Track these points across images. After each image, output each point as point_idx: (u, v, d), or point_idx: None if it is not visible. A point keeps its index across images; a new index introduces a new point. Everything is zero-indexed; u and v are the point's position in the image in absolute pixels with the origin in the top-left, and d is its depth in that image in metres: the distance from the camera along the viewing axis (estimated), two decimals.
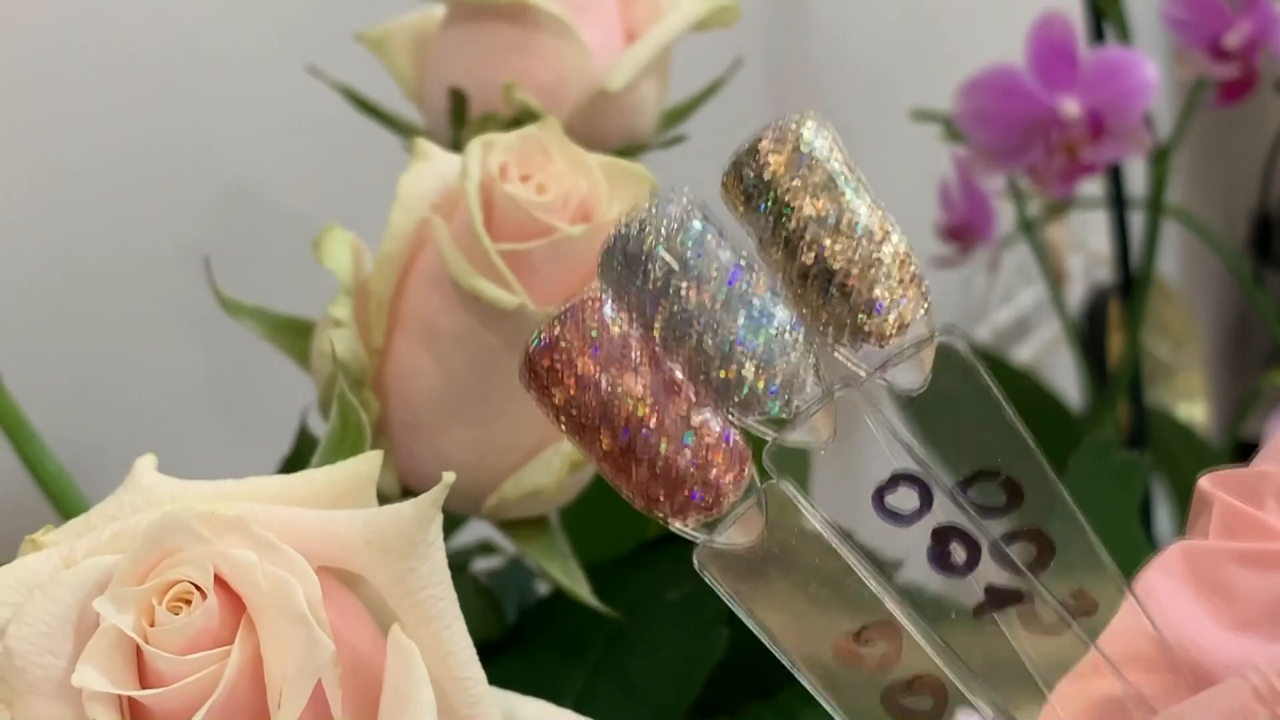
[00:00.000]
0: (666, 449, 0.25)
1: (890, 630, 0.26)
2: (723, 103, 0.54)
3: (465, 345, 0.40)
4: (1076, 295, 1.17)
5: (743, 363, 0.25)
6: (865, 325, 0.26)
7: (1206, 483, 0.30)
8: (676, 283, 0.25)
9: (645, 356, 0.25)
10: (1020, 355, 1.11)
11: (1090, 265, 1.18)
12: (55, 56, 0.53)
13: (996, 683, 0.26)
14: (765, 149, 0.26)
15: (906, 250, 0.26)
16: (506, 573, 0.55)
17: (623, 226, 0.26)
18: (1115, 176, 0.82)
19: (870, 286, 0.26)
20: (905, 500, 0.27)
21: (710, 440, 0.25)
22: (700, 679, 0.46)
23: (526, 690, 0.32)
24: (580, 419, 0.25)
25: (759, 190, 0.26)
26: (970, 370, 0.27)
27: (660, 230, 0.25)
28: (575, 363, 0.25)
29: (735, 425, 0.26)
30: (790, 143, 0.26)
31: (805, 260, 0.26)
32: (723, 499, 0.26)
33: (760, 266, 0.26)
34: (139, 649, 0.27)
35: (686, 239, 0.26)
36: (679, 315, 0.25)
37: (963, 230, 0.83)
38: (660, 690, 0.46)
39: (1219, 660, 0.26)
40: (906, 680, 0.26)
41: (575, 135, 0.42)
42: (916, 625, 0.26)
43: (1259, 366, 1.43)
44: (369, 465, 0.30)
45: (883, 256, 0.26)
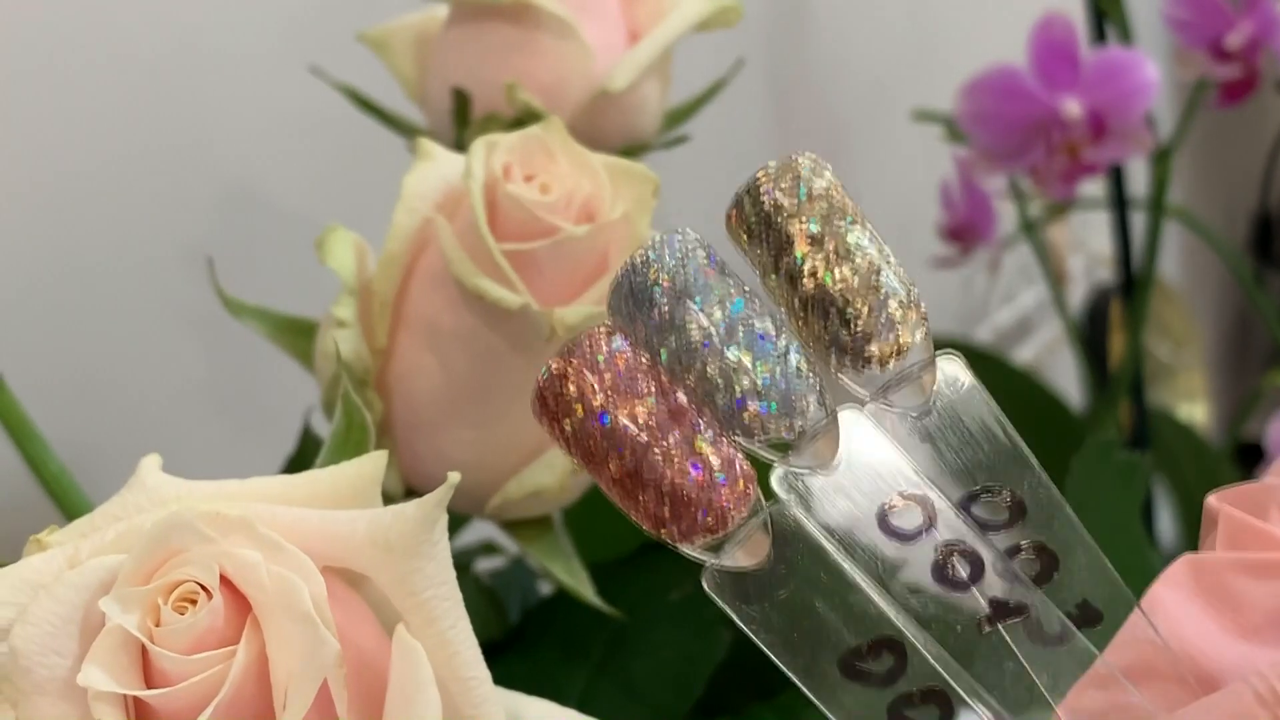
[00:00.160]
0: (673, 474, 0.26)
1: (896, 645, 0.27)
2: (724, 103, 0.54)
3: (469, 345, 0.40)
4: (1078, 296, 1.17)
5: (747, 389, 0.26)
6: (867, 350, 0.27)
7: (1213, 499, 0.30)
8: (681, 315, 0.26)
9: (652, 385, 0.26)
10: (1021, 356, 1.11)
11: (1091, 266, 1.18)
12: (56, 56, 0.53)
13: (1002, 695, 0.27)
14: (766, 184, 0.27)
15: (905, 277, 0.27)
16: (509, 573, 0.55)
17: (629, 263, 0.27)
18: (1116, 177, 0.82)
19: (871, 312, 0.27)
20: (909, 518, 0.27)
21: (716, 464, 0.26)
22: (702, 679, 0.46)
23: (529, 690, 0.32)
24: (589, 447, 0.26)
25: (761, 224, 0.27)
26: (973, 391, 0.28)
27: (665, 265, 0.27)
28: (584, 394, 0.26)
29: (740, 449, 0.27)
30: (790, 177, 0.27)
31: (807, 289, 0.27)
32: (729, 521, 0.26)
33: (763, 297, 0.27)
34: (144, 649, 0.27)
35: (690, 273, 0.27)
36: (684, 345, 0.26)
37: (964, 231, 0.83)
38: (662, 690, 0.46)
39: (1226, 669, 0.27)
40: (912, 694, 0.27)
41: (577, 135, 0.42)
42: (922, 639, 0.27)
43: (1260, 367, 1.43)
44: (374, 465, 0.30)
45: (882, 283, 0.27)
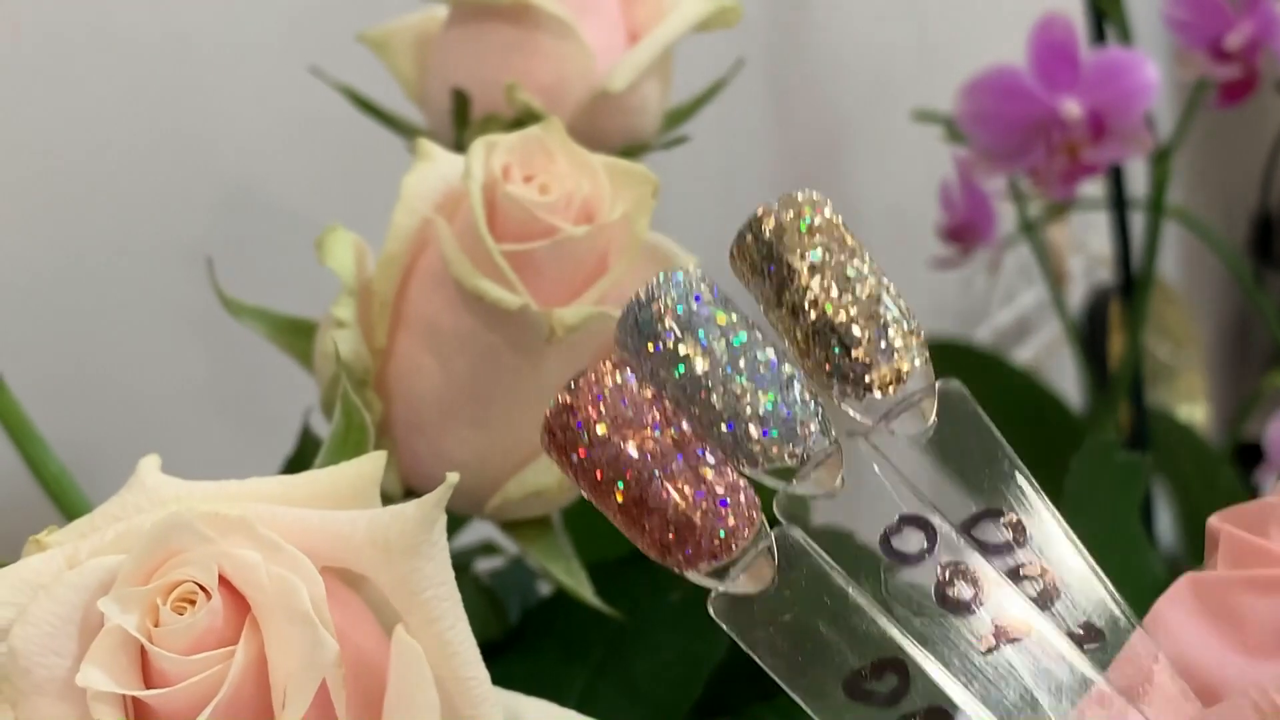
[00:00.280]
0: (678, 501, 0.26)
1: (899, 665, 0.27)
2: (724, 103, 0.54)
3: (468, 346, 0.40)
4: (1077, 296, 1.17)
5: (750, 417, 0.27)
6: (868, 378, 0.28)
7: (1215, 519, 0.30)
8: (685, 348, 0.27)
9: (658, 416, 0.27)
10: (1021, 356, 1.11)
11: (1091, 266, 1.18)
12: (57, 56, 0.53)
13: (1005, 714, 0.27)
14: (767, 220, 0.28)
15: (904, 305, 0.28)
16: (509, 573, 0.55)
17: (635, 298, 0.28)
18: (1116, 177, 0.82)
19: (871, 340, 0.28)
20: (911, 542, 0.28)
21: (721, 491, 0.27)
22: (702, 680, 0.46)
23: (529, 690, 0.32)
24: (596, 476, 0.27)
25: (763, 258, 0.28)
26: (972, 416, 0.29)
27: (669, 300, 0.27)
28: (591, 425, 0.27)
29: (745, 477, 0.27)
30: (790, 213, 0.28)
31: (809, 319, 0.28)
32: (734, 547, 0.27)
33: (766, 329, 0.28)
34: (143, 649, 0.27)
35: (693, 307, 0.27)
36: (688, 377, 0.27)
37: (964, 231, 0.83)
38: (662, 691, 0.46)
39: (1229, 685, 0.27)
40: (916, 713, 0.27)
41: (577, 136, 0.42)
42: (925, 659, 0.27)
43: (1259, 367, 1.43)
44: (373, 465, 0.30)
45: (882, 312, 0.28)
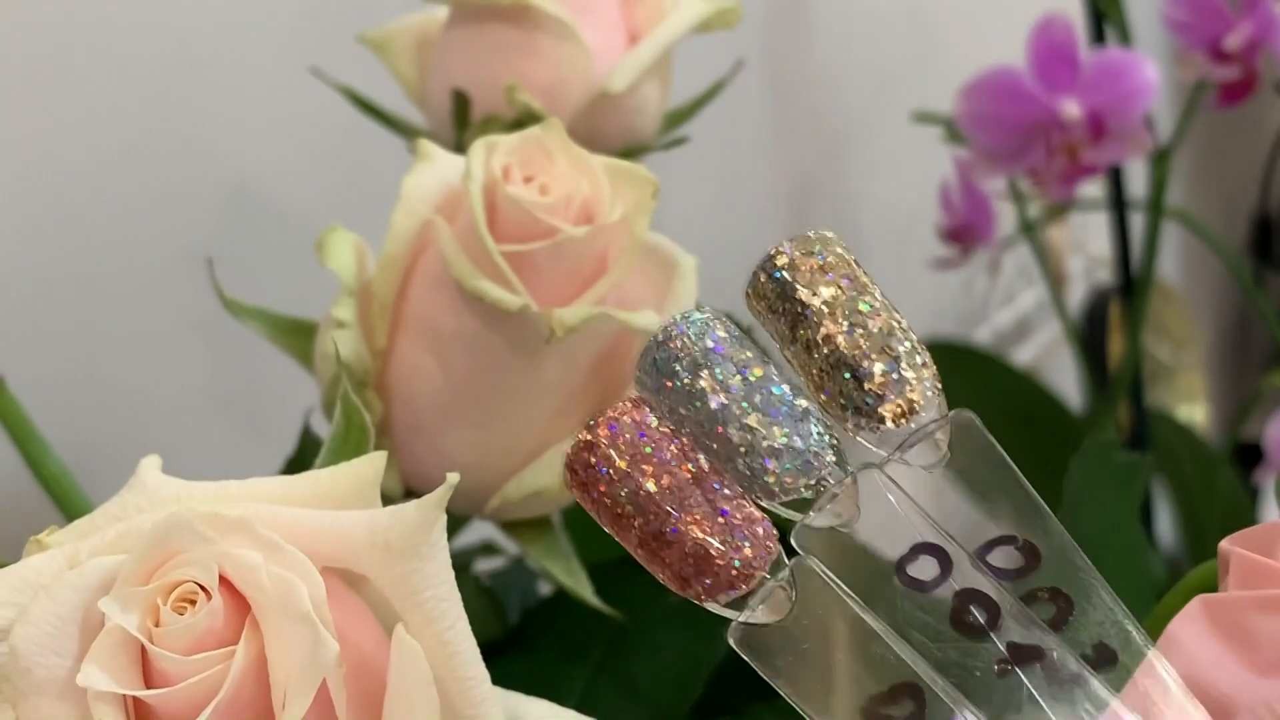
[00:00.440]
0: (698, 534, 0.27)
1: (916, 690, 0.28)
2: (724, 103, 0.54)
3: (468, 346, 0.41)
4: (1077, 297, 1.17)
5: (766, 451, 0.28)
6: (881, 410, 0.28)
7: (1225, 543, 0.30)
8: (702, 385, 0.28)
9: (677, 452, 0.28)
10: (1021, 357, 1.11)
11: (1091, 267, 1.18)
12: (57, 57, 0.53)
13: None
14: (781, 259, 0.29)
15: (916, 339, 0.29)
16: (509, 573, 0.55)
17: (653, 338, 0.29)
18: (1116, 178, 0.82)
19: (884, 373, 0.28)
20: (926, 569, 0.28)
21: (738, 523, 0.27)
22: (702, 680, 0.46)
23: (528, 691, 0.32)
24: (617, 511, 0.28)
25: (777, 297, 0.29)
26: (985, 444, 0.29)
27: (686, 338, 0.28)
28: (613, 461, 0.27)
29: (762, 509, 0.28)
30: (804, 251, 0.29)
31: (823, 354, 0.28)
32: (752, 579, 0.27)
33: (781, 364, 0.29)
34: (144, 649, 0.27)
35: (709, 344, 0.28)
36: (705, 413, 0.28)
37: (963, 232, 0.83)
38: (662, 691, 0.46)
39: (1240, 702, 0.27)
40: None
41: (577, 137, 0.42)
42: (941, 684, 0.28)
43: (1259, 368, 1.43)
44: (373, 466, 0.30)
45: (894, 345, 0.28)
